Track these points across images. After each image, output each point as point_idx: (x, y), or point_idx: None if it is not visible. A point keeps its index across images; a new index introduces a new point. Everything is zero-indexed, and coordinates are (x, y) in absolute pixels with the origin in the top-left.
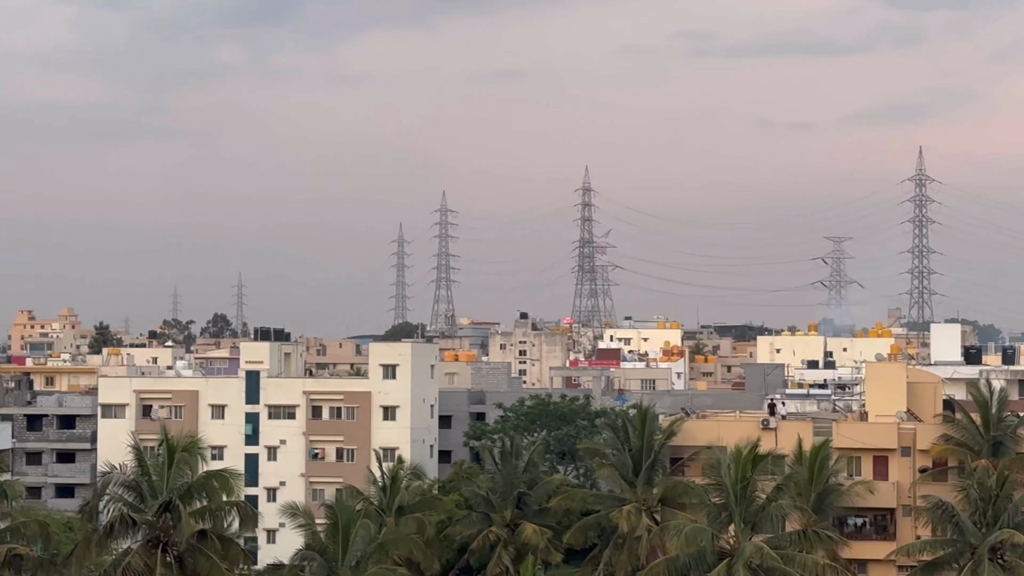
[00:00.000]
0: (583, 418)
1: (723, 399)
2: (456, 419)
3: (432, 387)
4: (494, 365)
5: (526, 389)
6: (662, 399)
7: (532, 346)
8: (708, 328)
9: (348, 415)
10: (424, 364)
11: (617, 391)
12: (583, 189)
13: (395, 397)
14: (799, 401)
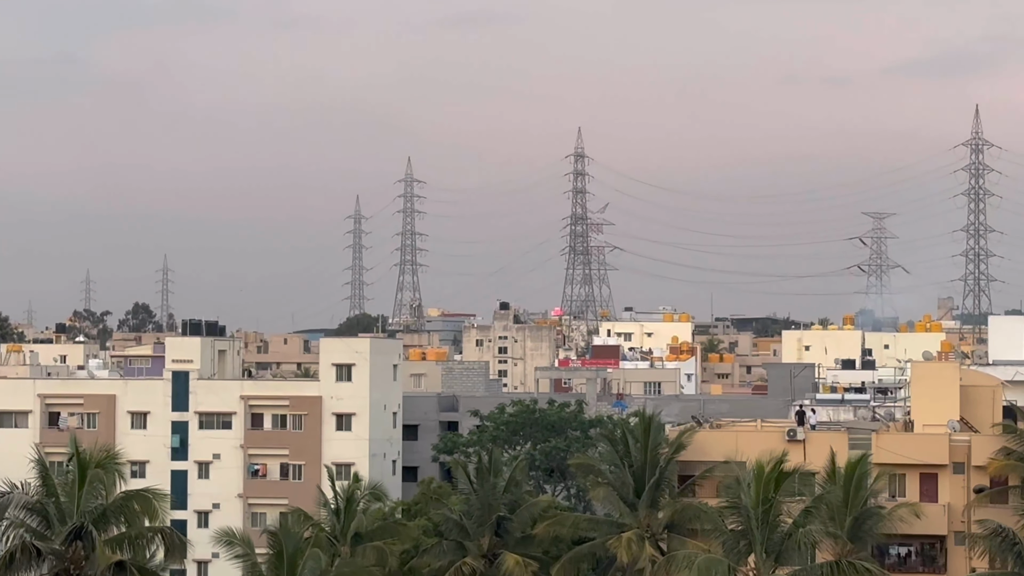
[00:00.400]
0: (575, 428)
1: (742, 405)
2: (424, 429)
3: (395, 391)
4: (469, 365)
5: (507, 394)
6: (669, 405)
7: (514, 342)
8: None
9: (295, 424)
10: (385, 364)
11: (615, 396)
12: (575, 155)
13: (351, 403)
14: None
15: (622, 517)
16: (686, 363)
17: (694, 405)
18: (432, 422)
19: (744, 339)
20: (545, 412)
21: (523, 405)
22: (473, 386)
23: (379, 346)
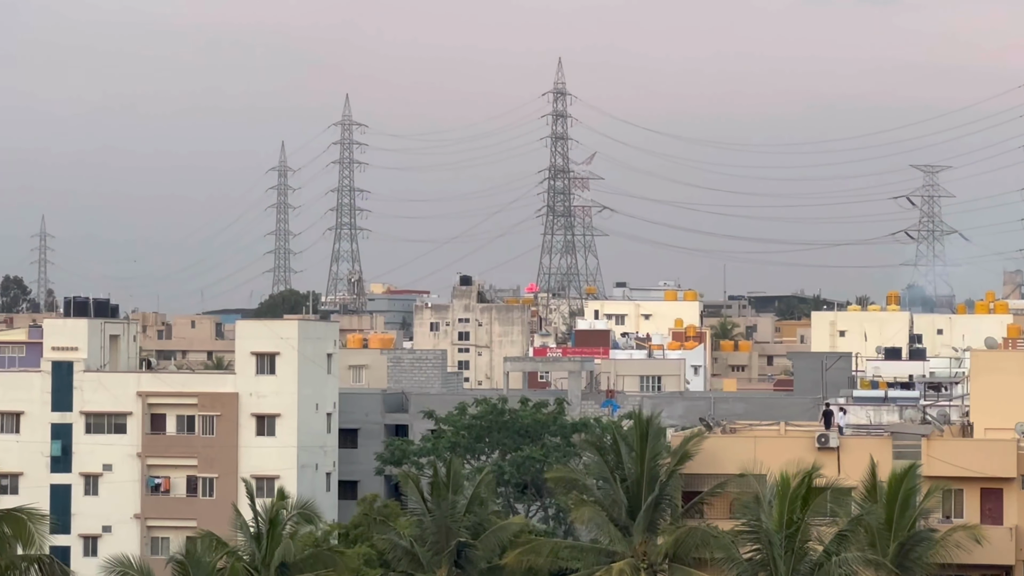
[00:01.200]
0: (554, 433)
1: (761, 405)
2: (365, 434)
3: (329, 387)
4: (422, 355)
5: (469, 390)
6: (672, 405)
7: (478, 326)
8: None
9: (205, 427)
10: (318, 352)
11: (604, 394)
12: (554, 92)
13: (274, 401)
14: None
15: (612, 544)
16: (692, 352)
17: (702, 404)
18: (376, 425)
19: (764, 322)
20: (517, 413)
21: (489, 405)
22: (427, 380)
23: (309, 331)
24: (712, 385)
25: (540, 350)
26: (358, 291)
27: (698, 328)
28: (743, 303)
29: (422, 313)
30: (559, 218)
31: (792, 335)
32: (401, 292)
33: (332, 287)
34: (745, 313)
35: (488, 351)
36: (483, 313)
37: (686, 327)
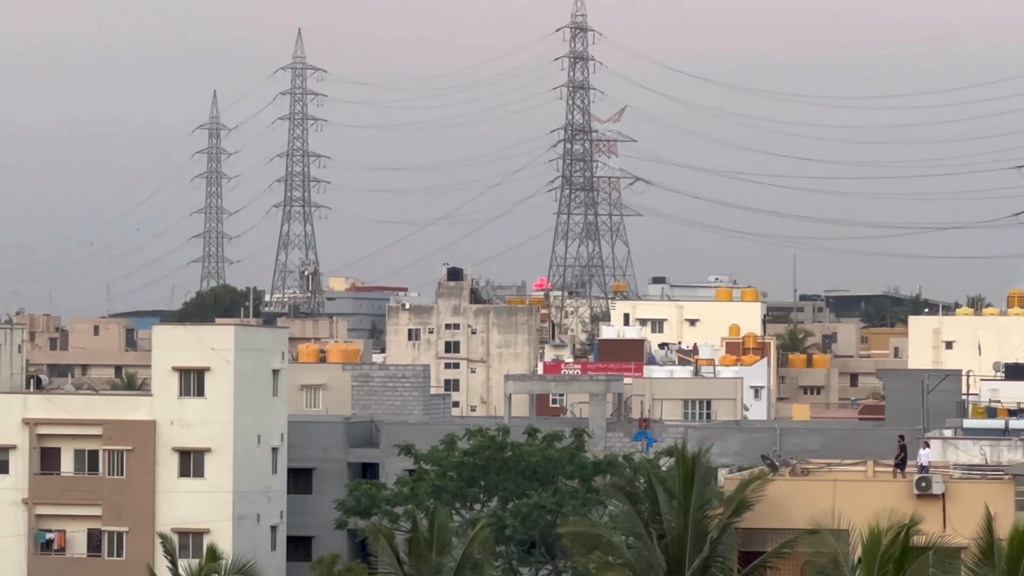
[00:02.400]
0: (570, 475)
1: (843, 438)
2: (323, 475)
3: (275, 413)
4: (397, 371)
5: (459, 418)
6: (725, 438)
7: (472, 334)
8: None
9: (112, 466)
10: (260, 368)
11: (638, 422)
12: (572, 27)
13: (203, 432)
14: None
15: None
16: (752, 369)
17: (765, 438)
18: (336, 464)
19: (847, 329)
20: (522, 448)
21: (486, 437)
22: (404, 405)
23: (250, 339)
24: (778, 412)
25: (553, 365)
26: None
27: (760, 337)
28: (819, 305)
29: (397, 316)
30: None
31: (883, 347)
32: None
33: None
34: (822, 318)
35: (484, 367)
36: (478, 317)
37: (744, 336)
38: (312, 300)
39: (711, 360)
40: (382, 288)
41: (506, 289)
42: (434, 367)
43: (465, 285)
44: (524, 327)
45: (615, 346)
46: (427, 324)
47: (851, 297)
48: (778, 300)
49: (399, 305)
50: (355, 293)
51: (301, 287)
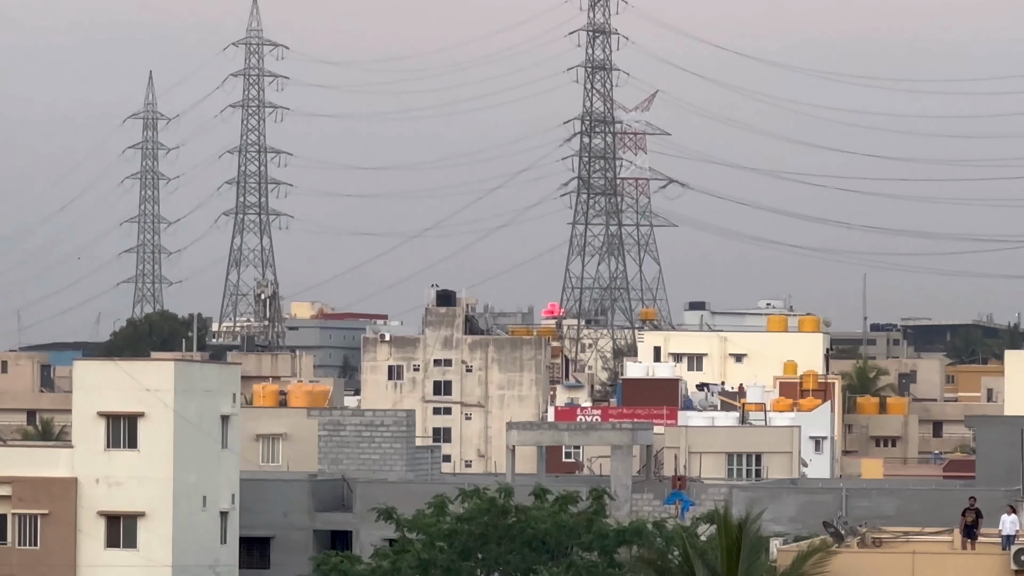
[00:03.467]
0: (588, 545)
1: (925, 500)
2: (283, 545)
3: (225, 469)
4: (374, 417)
5: (452, 476)
6: (779, 500)
7: (467, 371)
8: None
9: (24, 534)
10: (206, 413)
11: (671, 481)
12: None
13: (136, 493)
14: None
15: None
16: (813, 415)
17: (828, 500)
18: (300, 532)
19: (929, 367)
20: (529, 513)
21: (484, 500)
22: (383, 459)
23: (193, 378)
24: (844, 468)
25: (566, 411)
26: (272, 314)
27: (822, 377)
28: (895, 336)
29: (375, 350)
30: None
31: (973, 387)
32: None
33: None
34: (898, 352)
35: (482, 412)
36: (474, 351)
37: (802, 375)
38: (270, 330)
39: (761, 404)
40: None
41: (509, 317)
42: (420, 413)
43: (459, 312)
44: (531, 363)
45: (643, 387)
46: (412, 360)
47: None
48: (844, 330)
49: (377, 336)
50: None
51: (257, 314)
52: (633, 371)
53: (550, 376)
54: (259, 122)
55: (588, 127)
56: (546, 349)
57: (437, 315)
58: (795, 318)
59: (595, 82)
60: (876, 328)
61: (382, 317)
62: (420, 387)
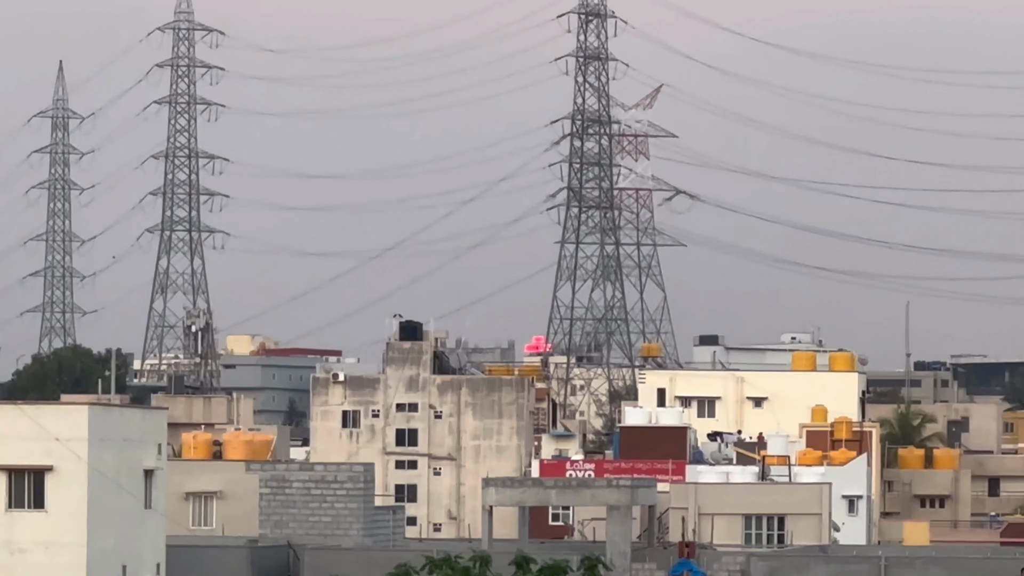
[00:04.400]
0: None
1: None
2: None
3: (148, 531)
4: (326, 472)
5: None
6: (806, 570)
7: (435, 418)
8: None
9: None
10: (126, 467)
11: (678, 547)
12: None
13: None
14: None
15: None
16: (847, 469)
17: (865, 570)
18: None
19: (984, 412)
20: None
21: (456, 570)
22: (336, 522)
23: (112, 425)
24: (884, 532)
25: (554, 464)
26: (205, 350)
27: (857, 424)
28: (943, 377)
29: (327, 392)
30: (590, 211)
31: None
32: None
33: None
34: (946, 395)
35: (454, 466)
36: (444, 394)
37: (834, 422)
38: (202, 368)
39: (785, 457)
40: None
41: (486, 353)
42: (380, 466)
43: (426, 347)
44: (512, 408)
45: (645, 436)
46: (370, 404)
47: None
48: (884, 370)
49: (329, 376)
50: (265, 358)
51: (186, 349)
52: (633, 417)
53: (534, 423)
54: (189, 121)
55: (580, 128)
56: (530, 391)
57: (400, 351)
58: (825, 355)
59: (588, 74)
60: (921, 367)
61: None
62: (380, 436)
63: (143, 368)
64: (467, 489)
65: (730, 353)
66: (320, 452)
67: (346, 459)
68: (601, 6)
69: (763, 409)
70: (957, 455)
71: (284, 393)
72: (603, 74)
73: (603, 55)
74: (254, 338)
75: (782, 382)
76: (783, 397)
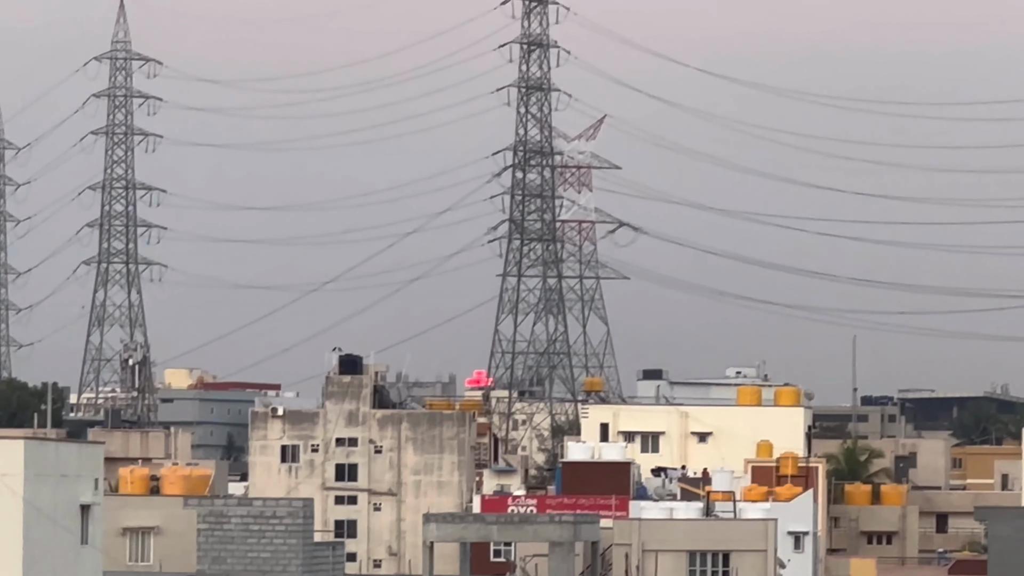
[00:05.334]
0: None
1: None
2: None
3: (85, 567)
4: (265, 508)
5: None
6: None
7: (375, 453)
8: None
9: None
10: (63, 502)
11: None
12: None
13: None
14: None
15: None
16: (792, 505)
17: None
18: None
19: (932, 448)
20: None
21: None
22: (275, 558)
23: (47, 459)
24: (830, 569)
25: (496, 500)
26: (142, 383)
27: (803, 459)
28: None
29: (266, 427)
30: (532, 244)
31: (984, 473)
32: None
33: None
34: (893, 430)
35: (394, 502)
36: (384, 428)
37: (779, 457)
38: (140, 402)
39: (730, 493)
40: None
41: (427, 387)
42: (319, 502)
43: (366, 381)
44: (453, 443)
45: (588, 472)
46: (309, 439)
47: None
48: (830, 404)
49: (268, 410)
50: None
51: (123, 383)
52: (576, 453)
53: (476, 458)
54: (127, 152)
55: (522, 159)
56: (471, 426)
57: (340, 385)
58: (770, 389)
59: (530, 105)
60: (868, 401)
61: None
62: (319, 471)
63: (80, 402)
64: (408, 525)
65: (674, 387)
66: (259, 487)
67: (285, 494)
68: (543, 36)
69: (708, 444)
70: (904, 491)
71: (222, 427)
72: (545, 105)
73: (545, 85)
74: (192, 372)
75: (727, 417)
76: (728, 432)
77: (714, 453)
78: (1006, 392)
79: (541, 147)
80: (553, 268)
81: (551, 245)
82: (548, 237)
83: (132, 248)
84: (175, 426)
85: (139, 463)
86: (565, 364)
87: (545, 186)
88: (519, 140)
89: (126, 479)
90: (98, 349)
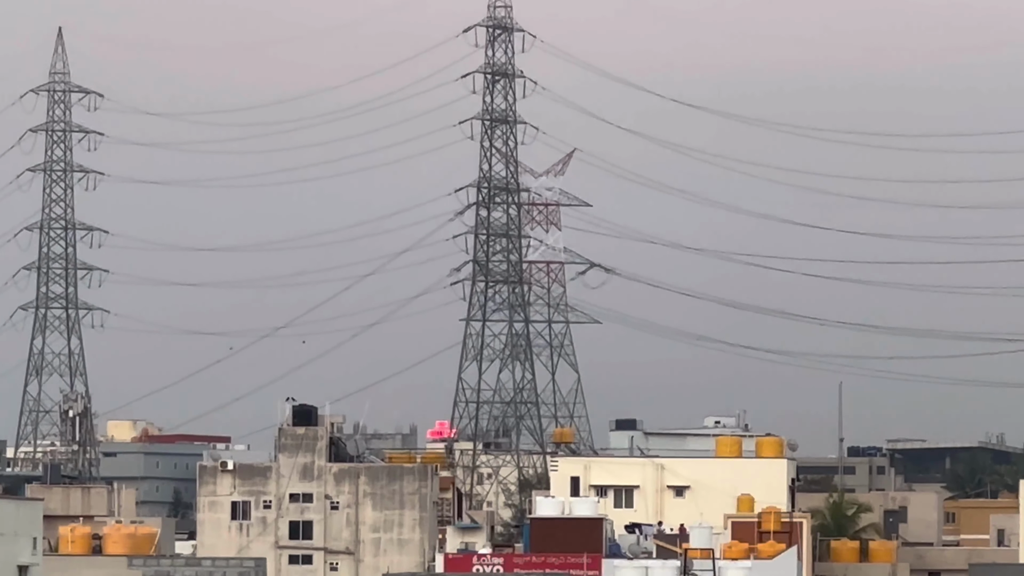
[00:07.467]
0: None
1: None
2: None
3: None
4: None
5: None
6: None
7: (331, 509)
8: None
9: None
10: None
11: None
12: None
13: None
14: None
15: None
16: (775, 563)
17: None
18: None
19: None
20: None
21: None
22: None
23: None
24: None
25: (460, 559)
26: (83, 436)
27: (787, 514)
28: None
29: (215, 482)
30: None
31: (979, 528)
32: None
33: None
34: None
35: (352, 561)
36: (341, 483)
37: (761, 512)
38: (81, 456)
39: (709, 551)
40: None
41: (386, 439)
42: (272, 561)
43: (321, 433)
44: (414, 499)
45: (558, 528)
46: (262, 494)
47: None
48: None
49: (217, 464)
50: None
51: (63, 435)
52: (544, 508)
53: (438, 515)
54: (66, 190)
55: (486, 196)
56: (433, 480)
57: (294, 437)
58: (751, 440)
59: (495, 138)
60: (855, 452)
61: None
62: (272, 529)
63: (16, 456)
64: None
65: (649, 439)
66: (208, 546)
67: (236, 553)
68: (509, 65)
69: (685, 499)
70: (894, 547)
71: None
72: (511, 138)
73: (511, 118)
74: (136, 423)
75: (705, 469)
76: (706, 486)
77: (692, 508)
78: (1002, 442)
79: (507, 183)
80: (520, 312)
81: (518, 287)
82: (514, 279)
83: (72, 292)
84: (118, 481)
85: (80, 521)
86: (533, 414)
87: (511, 225)
88: (483, 176)
89: (67, 538)
90: (36, 400)
